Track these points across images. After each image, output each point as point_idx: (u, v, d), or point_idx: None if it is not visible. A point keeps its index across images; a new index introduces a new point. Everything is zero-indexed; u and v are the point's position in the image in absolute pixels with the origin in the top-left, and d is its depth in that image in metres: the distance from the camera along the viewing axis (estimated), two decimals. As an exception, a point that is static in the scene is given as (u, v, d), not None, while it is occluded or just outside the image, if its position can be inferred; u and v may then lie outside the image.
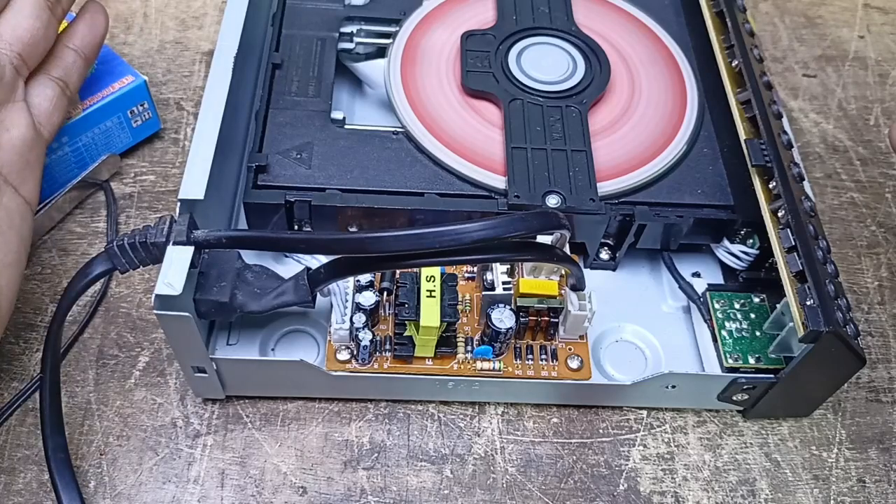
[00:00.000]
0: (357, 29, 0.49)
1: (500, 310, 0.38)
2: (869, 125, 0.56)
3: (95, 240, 0.46)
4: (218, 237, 0.34)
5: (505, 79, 0.45)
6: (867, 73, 0.59)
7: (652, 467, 0.40)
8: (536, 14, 0.49)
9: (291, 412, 0.40)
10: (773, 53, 0.60)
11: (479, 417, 0.41)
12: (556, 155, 0.42)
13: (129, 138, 0.49)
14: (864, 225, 0.50)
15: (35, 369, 0.40)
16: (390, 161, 0.42)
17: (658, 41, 0.50)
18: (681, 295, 0.43)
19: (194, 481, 0.38)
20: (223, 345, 0.40)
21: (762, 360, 0.39)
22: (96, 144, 0.47)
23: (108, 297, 0.43)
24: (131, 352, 0.42)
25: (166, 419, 0.39)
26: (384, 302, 0.40)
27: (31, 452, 0.38)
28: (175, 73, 0.54)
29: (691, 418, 0.41)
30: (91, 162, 0.47)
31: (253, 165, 0.41)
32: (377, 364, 0.38)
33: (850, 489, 0.40)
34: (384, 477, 0.38)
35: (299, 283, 0.36)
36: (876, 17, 0.64)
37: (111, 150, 0.48)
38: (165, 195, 0.48)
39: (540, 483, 0.39)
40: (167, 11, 0.58)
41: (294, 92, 0.44)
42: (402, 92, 0.45)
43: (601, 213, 0.40)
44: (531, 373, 0.39)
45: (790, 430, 0.41)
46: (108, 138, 0.47)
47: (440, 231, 0.30)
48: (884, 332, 0.45)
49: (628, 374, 0.41)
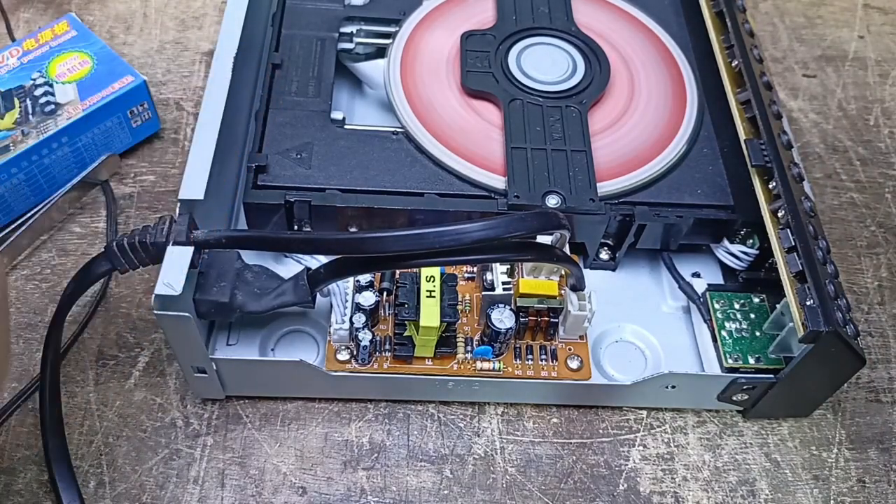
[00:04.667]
0: (357, 29, 0.49)
1: (499, 310, 0.38)
2: (869, 125, 0.56)
3: (95, 240, 0.46)
4: (218, 237, 0.34)
5: (505, 79, 0.45)
6: (867, 73, 0.59)
7: (652, 467, 0.40)
8: (536, 14, 0.49)
9: (291, 412, 0.40)
10: (773, 53, 0.60)
11: (479, 417, 0.41)
12: (555, 155, 0.42)
13: (128, 138, 0.49)
14: (863, 225, 0.50)
15: (35, 369, 0.40)
16: (390, 161, 0.42)
17: (658, 41, 0.50)
18: (681, 295, 0.43)
19: (194, 481, 0.38)
20: (223, 345, 0.40)
21: (762, 360, 0.39)
22: (96, 144, 0.47)
23: (108, 297, 0.43)
24: (131, 352, 0.42)
25: (166, 419, 0.39)
26: (384, 302, 0.40)
27: (31, 452, 0.38)
28: (175, 73, 0.54)
29: (691, 418, 0.41)
30: (91, 162, 0.47)
31: (253, 165, 0.41)
32: (377, 364, 0.38)
33: (849, 489, 0.40)
34: (384, 477, 0.38)
35: (299, 283, 0.36)
36: (876, 17, 0.64)
37: (111, 151, 0.48)
38: (165, 195, 0.48)
39: (540, 483, 0.39)
40: (167, 11, 0.58)
41: (294, 92, 0.44)
42: (401, 92, 0.45)
43: (601, 214, 0.40)
44: (531, 373, 0.39)
45: (790, 430, 0.41)
46: (107, 138, 0.47)
47: (440, 231, 0.30)
48: (884, 332, 0.45)
49: (628, 375, 0.41)
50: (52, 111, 0.45)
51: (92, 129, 0.46)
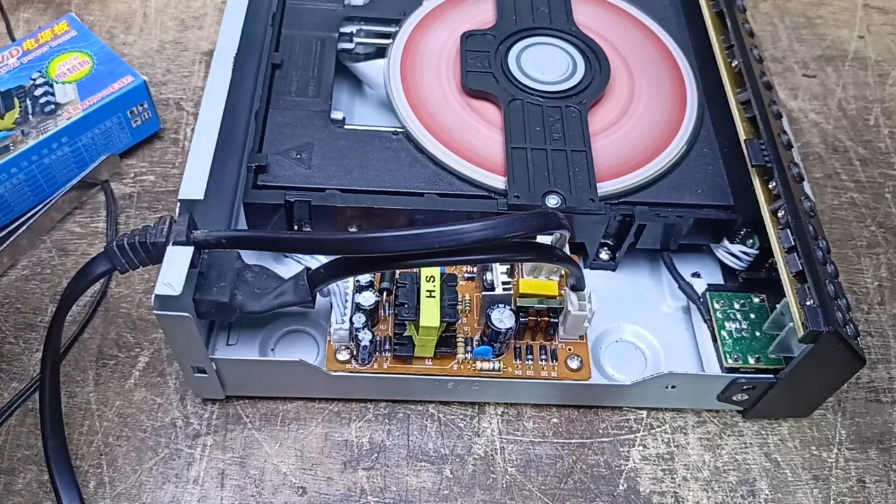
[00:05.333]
0: (357, 29, 0.49)
1: (499, 310, 0.38)
2: (869, 125, 0.56)
3: (95, 240, 0.46)
4: (217, 237, 0.34)
5: (505, 79, 0.45)
6: (867, 73, 0.59)
7: (652, 467, 0.40)
8: (536, 14, 0.49)
9: (291, 412, 0.40)
10: (773, 53, 0.60)
11: (479, 417, 0.41)
12: (555, 155, 0.42)
13: (128, 138, 0.49)
14: (863, 225, 0.50)
15: (35, 369, 0.40)
16: (390, 161, 0.42)
17: (658, 41, 0.50)
18: (681, 295, 0.43)
19: (194, 481, 0.38)
20: (223, 345, 0.40)
21: (762, 360, 0.39)
22: (96, 144, 0.47)
23: (108, 297, 0.43)
24: (131, 352, 0.42)
25: (166, 419, 0.39)
26: (384, 302, 0.40)
27: (31, 452, 0.38)
28: (175, 73, 0.54)
29: (691, 418, 0.41)
30: (91, 162, 0.47)
31: (253, 165, 0.41)
32: (377, 364, 0.38)
33: (849, 489, 0.40)
34: (384, 477, 0.38)
35: (299, 283, 0.36)
36: (876, 17, 0.64)
37: (111, 150, 0.48)
38: (165, 195, 0.48)
39: (540, 483, 0.39)
40: (167, 11, 0.58)
41: (294, 92, 0.44)
42: (401, 92, 0.45)
43: (601, 214, 0.40)
44: (531, 373, 0.39)
45: (790, 430, 0.41)
46: (107, 138, 0.47)
47: (440, 231, 0.30)
48: (883, 333, 0.45)
49: (628, 375, 0.41)
50: (52, 111, 0.45)
51: (92, 129, 0.46)
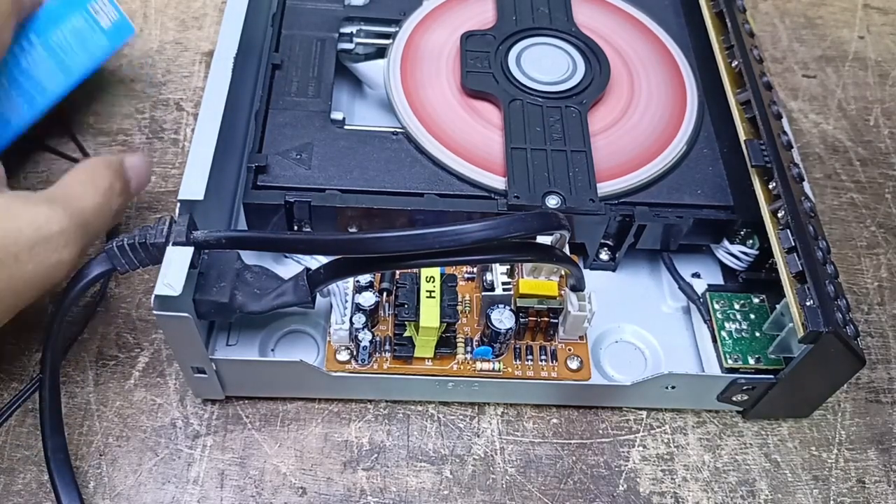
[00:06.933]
0: (357, 29, 0.49)
1: (499, 310, 0.38)
2: (869, 126, 0.56)
3: (95, 240, 0.46)
4: (217, 238, 0.34)
5: (505, 79, 0.45)
6: (867, 73, 0.59)
7: (651, 468, 0.40)
8: (536, 14, 0.49)
9: (291, 413, 0.40)
10: (773, 54, 0.60)
11: (479, 418, 0.41)
12: (555, 155, 0.42)
13: (104, 41, 0.46)
14: (863, 225, 0.50)
15: (35, 369, 0.40)
16: (390, 161, 0.42)
17: (658, 41, 0.50)
18: (680, 295, 0.43)
19: (194, 482, 0.38)
20: (223, 345, 0.40)
21: (762, 360, 0.39)
22: (72, 47, 0.45)
23: (107, 297, 0.43)
24: (131, 352, 0.42)
25: (166, 420, 0.39)
26: (384, 302, 0.40)
27: (31, 453, 0.38)
28: (175, 74, 0.54)
29: (691, 419, 0.41)
30: (75, 69, 0.45)
31: (253, 166, 0.41)
32: (377, 364, 0.38)
33: (849, 490, 0.40)
34: (384, 477, 0.38)
35: (299, 283, 0.36)
36: (876, 17, 0.64)
37: (90, 55, 0.46)
38: (165, 195, 0.48)
39: (539, 484, 0.39)
40: (167, 12, 0.58)
41: (294, 92, 0.44)
42: (401, 92, 0.45)
43: (601, 214, 0.40)
44: (531, 373, 0.39)
45: (790, 430, 0.41)
46: (82, 41, 0.45)
47: (440, 231, 0.30)
48: (883, 333, 0.45)
49: (628, 375, 0.41)
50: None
51: (58, 25, 0.44)
